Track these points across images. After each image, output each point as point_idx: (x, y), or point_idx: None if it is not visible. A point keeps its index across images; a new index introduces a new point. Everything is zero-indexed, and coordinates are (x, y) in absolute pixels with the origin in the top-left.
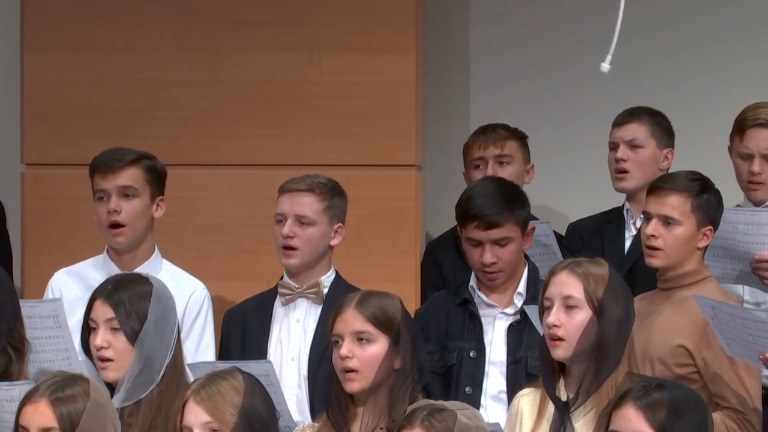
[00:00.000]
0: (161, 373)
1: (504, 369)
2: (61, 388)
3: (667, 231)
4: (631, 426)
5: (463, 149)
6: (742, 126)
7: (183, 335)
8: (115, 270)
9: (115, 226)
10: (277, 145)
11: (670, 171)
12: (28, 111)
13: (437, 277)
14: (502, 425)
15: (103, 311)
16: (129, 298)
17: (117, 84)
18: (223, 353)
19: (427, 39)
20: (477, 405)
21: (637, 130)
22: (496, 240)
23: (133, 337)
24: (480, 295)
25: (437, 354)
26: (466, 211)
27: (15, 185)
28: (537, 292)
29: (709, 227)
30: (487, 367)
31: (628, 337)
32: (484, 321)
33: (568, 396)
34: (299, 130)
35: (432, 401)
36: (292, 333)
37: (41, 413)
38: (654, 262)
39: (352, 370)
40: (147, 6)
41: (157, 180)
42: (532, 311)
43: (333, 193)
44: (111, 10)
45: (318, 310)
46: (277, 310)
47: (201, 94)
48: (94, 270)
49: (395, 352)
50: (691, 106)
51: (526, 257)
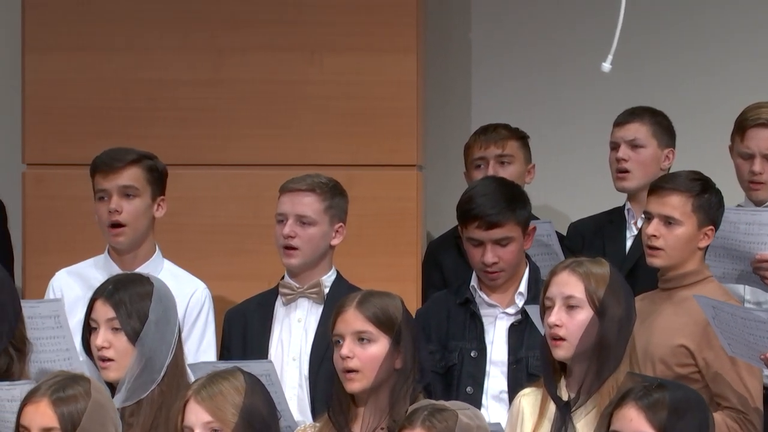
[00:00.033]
0: (162, 373)
1: (505, 369)
2: (63, 388)
3: (668, 231)
4: (632, 426)
5: (464, 149)
6: (742, 126)
7: (184, 335)
8: (116, 270)
9: (116, 225)
10: (279, 145)
11: (671, 171)
12: (29, 111)
13: (438, 277)
14: (503, 425)
15: (104, 311)
16: (130, 298)
17: (118, 84)
18: (224, 353)
19: (428, 39)
20: (478, 405)
21: (638, 130)
22: (497, 240)
23: (134, 337)
24: (481, 295)
25: (438, 354)
26: (467, 211)
27: (16, 185)
28: (538, 292)
29: (710, 227)
30: (488, 367)
31: (630, 337)
32: (486, 321)
33: (569, 396)
34: (300, 130)
35: (433, 401)
36: (293, 333)
37: (42, 413)
38: (655, 262)
39: (353, 370)
40: (148, 6)
41: (158, 180)
42: (533, 311)
43: (334, 193)
44: (112, 10)
45: (319, 310)
46: (278, 310)
47: (202, 94)
48: (95, 270)
49: (396, 352)
50: (692, 106)
51: (527, 257)
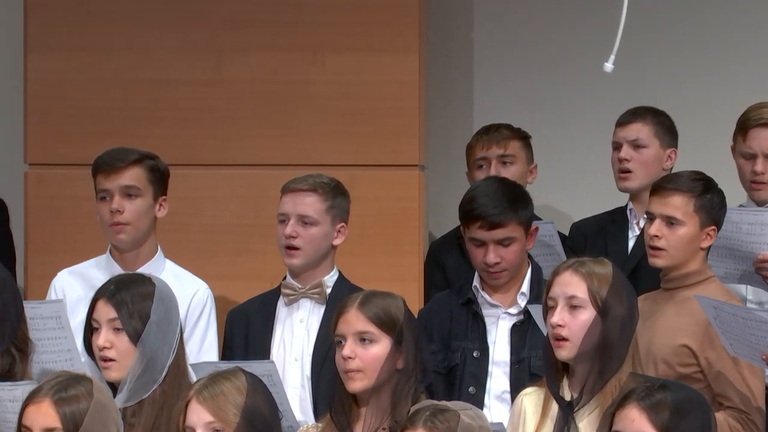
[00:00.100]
0: (164, 374)
1: (507, 369)
2: (65, 388)
3: (670, 231)
4: (634, 426)
5: (466, 149)
6: (745, 126)
7: (186, 335)
8: (117, 270)
9: (118, 224)
10: (280, 145)
11: (674, 171)
12: (31, 111)
13: (440, 277)
14: (506, 425)
15: (105, 311)
16: (131, 299)
17: (120, 84)
18: (226, 353)
19: (430, 39)
20: (480, 405)
21: (640, 130)
22: (499, 240)
23: (135, 338)
24: (483, 295)
25: (441, 354)
26: (469, 211)
27: (18, 185)
28: (540, 292)
29: (713, 227)
30: (491, 367)
31: (632, 337)
32: (488, 321)
33: (571, 395)
34: (302, 130)
35: (435, 401)
36: (295, 333)
37: (44, 413)
38: (657, 262)
39: (354, 371)
40: (149, 6)
41: (159, 180)
42: (536, 311)
43: (336, 193)
44: (114, 11)
45: (321, 310)
46: (280, 310)
47: (204, 94)
48: (97, 270)
49: (398, 352)
50: (694, 106)
51: (530, 257)
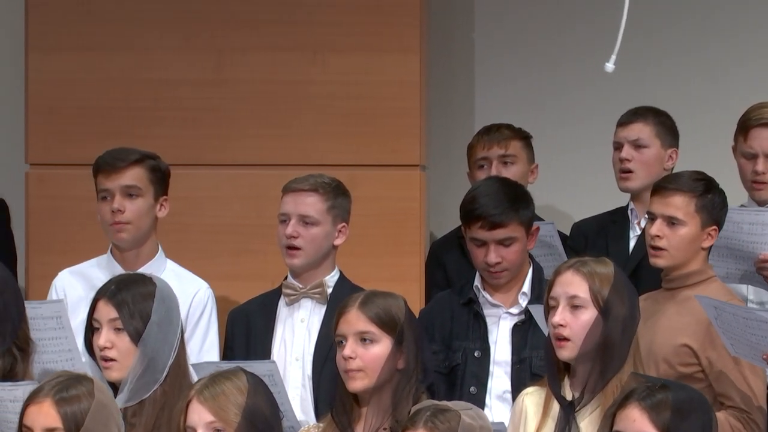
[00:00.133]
0: (164, 373)
1: (509, 369)
2: (66, 388)
3: (671, 231)
4: (635, 427)
5: (467, 149)
6: (746, 126)
7: (187, 335)
8: (118, 270)
9: (119, 223)
10: (282, 145)
11: (675, 171)
12: (33, 111)
13: (441, 277)
14: (507, 425)
15: (106, 311)
16: (132, 299)
17: (121, 84)
18: (227, 353)
19: (431, 39)
20: (482, 405)
21: (641, 130)
22: (500, 240)
23: (136, 338)
24: (484, 295)
25: (442, 354)
26: (470, 211)
27: (19, 185)
28: (542, 292)
29: (714, 227)
30: (492, 367)
31: (634, 337)
32: (489, 321)
33: (573, 395)
34: (303, 130)
35: (436, 402)
36: (296, 333)
37: (45, 413)
38: (658, 262)
39: (355, 370)
40: (151, 6)
41: (160, 180)
42: (537, 311)
43: (337, 193)
44: (115, 11)
45: (322, 310)
46: (281, 310)
47: (205, 94)
48: (98, 270)
49: (398, 352)
50: (695, 105)
51: (531, 257)
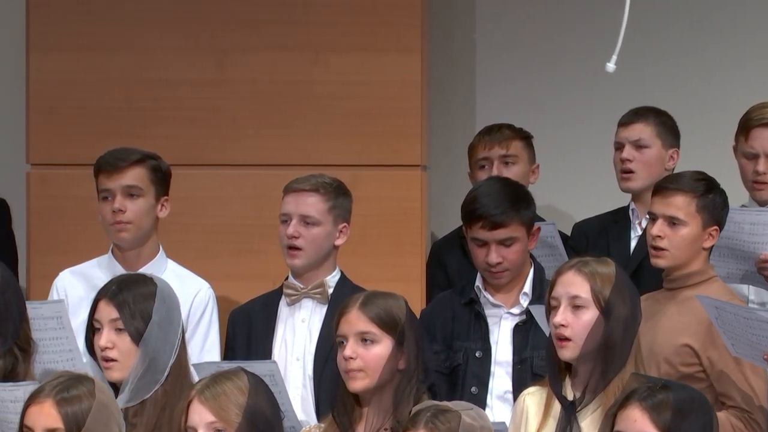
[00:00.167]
0: (165, 374)
1: (510, 369)
2: (67, 389)
3: (672, 231)
4: (636, 427)
5: (468, 149)
6: (747, 126)
7: (188, 335)
8: (119, 270)
9: (120, 223)
10: (283, 145)
11: (676, 171)
12: (34, 111)
13: (443, 277)
14: (508, 425)
15: (107, 311)
16: (133, 299)
17: (122, 84)
18: (228, 353)
19: (432, 39)
20: (483, 405)
21: (642, 131)
22: (501, 240)
23: (137, 338)
24: (486, 295)
25: (443, 354)
26: (471, 211)
27: (20, 185)
28: (543, 292)
29: (715, 227)
30: (493, 367)
31: (635, 337)
32: (490, 321)
33: (574, 395)
34: (304, 130)
35: (436, 402)
36: (297, 333)
37: (46, 414)
38: (659, 262)
39: (356, 371)
40: (152, 6)
41: (161, 180)
42: (537, 311)
43: (338, 193)
44: (116, 11)
45: (323, 310)
46: (282, 310)
47: (206, 94)
48: (99, 270)
49: (399, 352)
50: (696, 106)
51: (532, 257)
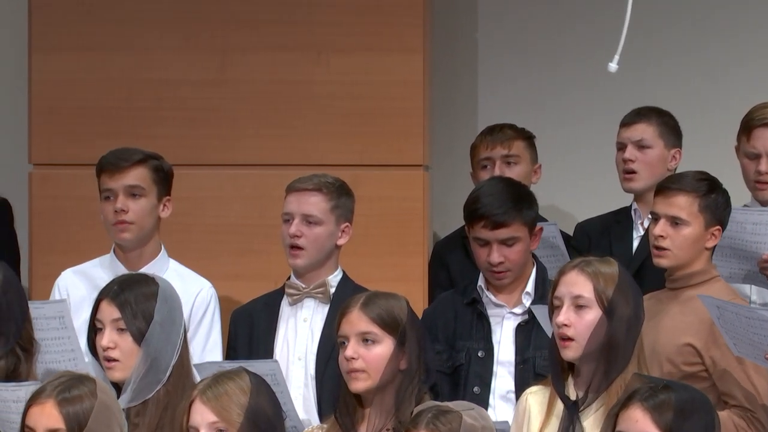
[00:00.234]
0: (167, 374)
1: (512, 369)
2: (68, 389)
3: (675, 231)
4: (637, 427)
5: (470, 149)
6: (749, 126)
7: (190, 334)
8: (121, 269)
9: (122, 223)
10: (285, 145)
11: (678, 171)
12: (36, 111)
13: (445, 277)
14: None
15: (109, 311)
16: (135, 299)
17: (124, 84)
18: (230, 353)
19: (434, 39)
20: (485, 405)
21: (644, 131)
22: (503, 240)
23: (139, 338)
24: (488, 295)
25: (445, 354)
26: (473, 211)
27: (22, 185)
28: (545, 292)
29: (717, 227)
30: (496, 367)
31: (638, 337)
32: (493, 321)
33: (577, 395)
34: (306, 130)
35: (438, 403)
36: (299, 332)
37: (48, 414)
38: (662, 262)
39: (357, 371)
40: (154, 6)
41: (163, 180)
42: (539, 311)
43: (340, 193)
44: (118, 11)
45: (325, 309)
46: (284, 309)
47: (208, 94)
48: (101, 269)
49: (401, 352)
50: (698, 105)
51: (535, 257)
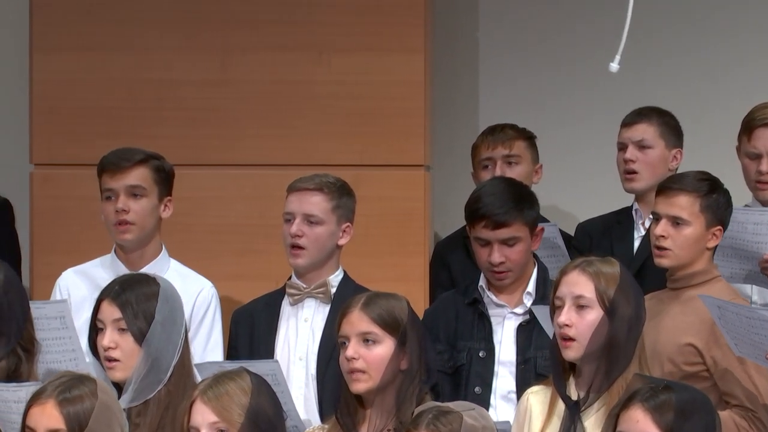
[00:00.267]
0: (168, 374)
1: (513, 369)
2: (69, 389)
3: (676, 231)
4: (638, 428)
5: (471, 149)
6: (750, 126)
7: (190, 334)
8: (122, 269)
9: (123, 223)
10: (286, 145)
11: (679, 171)
12: (37, 111)
13: (446, 277)
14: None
15: (110, 312)
16: (136, 299)
17: (125, 84)
18: (231, 353)
19: (435, 39)
20: (486, 405)
21: (645, 131)
22: (504, 240)
23: (140, 338)
24: (489, 295)
25: (447, 354)
26: (474, 211)
27: (24, 185)
28: (546, 292)
29: (718, 227)
30: (497, 367)
31: (639, 337)
32: (494, 321)
33: (578, 395)
34: (308, 130)
35: (438, 403)
36: (300, 332)
37: (49, 414)
38: (663, 262)
39: (358, 371)
40: (155, 6)
41: (165, 180)
42: (540, 312)
43: (341, 193)
44: (119, 11)
45: (326, 309)
46: (285, 309)
47: (209, 94)
48: (102, 269)
49: (401, 353)
50: (699, 106)
51: (536, 257)
